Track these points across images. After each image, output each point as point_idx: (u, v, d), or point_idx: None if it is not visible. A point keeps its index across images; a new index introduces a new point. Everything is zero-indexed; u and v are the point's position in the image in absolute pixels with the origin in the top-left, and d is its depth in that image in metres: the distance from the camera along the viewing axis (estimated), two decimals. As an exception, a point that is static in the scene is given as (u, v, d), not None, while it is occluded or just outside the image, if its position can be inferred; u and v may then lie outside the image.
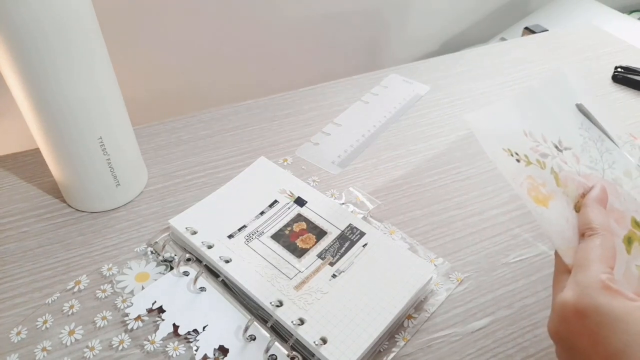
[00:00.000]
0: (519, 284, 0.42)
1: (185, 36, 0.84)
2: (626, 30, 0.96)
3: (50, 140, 0.43)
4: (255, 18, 0.88)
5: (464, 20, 1.13)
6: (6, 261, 0.43)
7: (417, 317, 0.39)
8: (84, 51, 0.39)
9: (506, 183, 0.51)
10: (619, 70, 0.66)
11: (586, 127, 0.39)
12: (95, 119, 0.43)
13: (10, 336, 0.38)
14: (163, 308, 0.39)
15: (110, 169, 0.46)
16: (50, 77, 0.39)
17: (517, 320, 0.39)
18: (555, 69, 0.38)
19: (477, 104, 0.62)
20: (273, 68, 0.97)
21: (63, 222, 0.47)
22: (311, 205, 0.46)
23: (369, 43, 1.05)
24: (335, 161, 0.54)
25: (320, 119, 0.60)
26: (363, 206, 0.48)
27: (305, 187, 0.48)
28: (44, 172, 0.51)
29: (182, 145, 0.56)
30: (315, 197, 0.47)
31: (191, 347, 0.37)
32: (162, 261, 0.43)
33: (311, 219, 0.45)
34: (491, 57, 0.71)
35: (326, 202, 0.47)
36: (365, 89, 0.65)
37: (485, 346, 0.38)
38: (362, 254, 0.42)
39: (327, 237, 0.43)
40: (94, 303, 0.40)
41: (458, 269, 0.43)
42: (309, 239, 0.43)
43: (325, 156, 0.54)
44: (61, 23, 0.37)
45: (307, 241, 0.43)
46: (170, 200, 0.49)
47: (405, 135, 0.57)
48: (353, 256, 0.42)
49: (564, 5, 1.08)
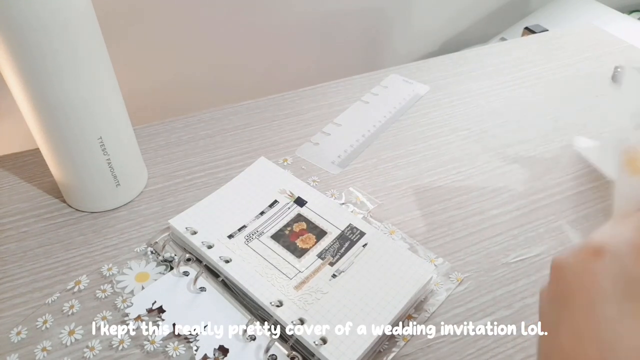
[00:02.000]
0: (519, 284, 0.42)
1: (185, 36, 0.84)
2: (626, 30, 0.96)
3: (50, 141, 0.43)
4: (255, 18, 0.88)
5: (464, 20, 1.13)
6: (6, 261, 0.43)
7: (417, 317, 0.39)
8: (84, 51, 0.39)
9: (508, 183, 0.51)
10: (618, 70, 0.66)
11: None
12: (95, 119, 0.43)
13: (10, 336, 0.38)
14: (163, 308, 0.39)
15: (110, 169, 0.46)
16: (50, 77, 0.39)
17: (517, 320, 0.39)
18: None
19: (477, 104, 0.62)
20: (273, 68, 0.97)
21: (63, 222, 0.47)
22: (311, 205, 0.46)
23: (369, 43, 1.05)
24: (335, 161, 0.54)
25: (320, 119, 0.60)
26: (363, 206, 0.48)
27: (305, 187, 0.48)
28: (44, 172, 0.51)
29: (182, 145, 0.56)
30: (315, 197, 0.47)
31: (191, 347, 0.37)
32: (162, 261, 0.43)
33: (311, 219, 0.45)
34: (491, 57, 0.71)
35: (326, 202, 0.47)
36: (365, 89, 0.65)
37: (485, 346, 0.38)
38: (362, 254, 0.42)
39: (327, 237, 0.43)
40: (94, 303, 0.40)
41: (458, 269, 0.43)
42: (309, 239, 0.43)
43: (325, 156, 0.54)
44: (61, 23, 0.37)
45: (307, 241, 0.43)
46: (170, 200, 0.49)
47: (405, 135, 0.57)
48: (353, 256, 0.42)
49: (564, 5, 1.08)
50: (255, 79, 0.96)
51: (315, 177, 0.52)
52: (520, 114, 0.60)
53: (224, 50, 0.89)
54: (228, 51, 0.89)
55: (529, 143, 0.56)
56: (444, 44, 1.14)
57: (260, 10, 0.87)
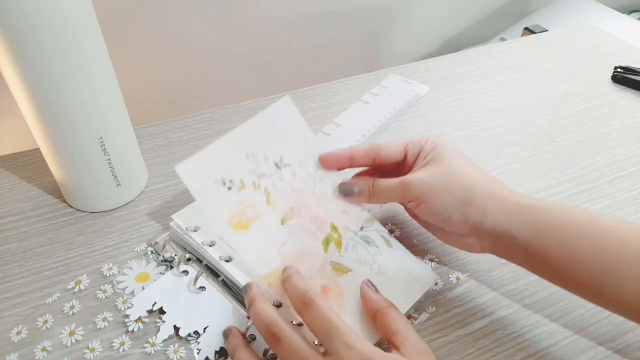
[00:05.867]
0: (519, 284, 0.42)
1: (185, 36, 0.84)
2: (626, 30, 0.96)
3: (50, 141, 0.43)
4: (255, 18, 0.88)
5: (464, 20, 1.13)
6: (6, 261, 0.43)
7: (417, 317, 0.39)
8: (84, 51, 0.39)
9: (507, 183, 0.51)
10: (618, 71, 0.66)
11: (309, 143, 0.42)
12: (95, 119, 0.43)
13: (10, 336, 0.38)
14: (163, 309, 0.39)
15: (110, 169, 0.46)
16: (50, 77, 0.39)
17: (516, 320, 0.39)
18: (282, 100, 0.43)
19: (477, 104, 0.62)
20: (273, 68, 0.97)
21: (63, 222, 0.47)
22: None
23: (369, 43, 1.05)
24: (335, 161, 0.54)
25: (320, 119, 0.60)
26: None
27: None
28: (44, 172, 0.51)
29: (183, 145, 0.56)
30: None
31: (192, 349, 0.37)
32: (162, 261, 0.43)
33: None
34: (491, 57, 0.71)
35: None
36: (365, 89, 0.65)
37: (485, 346, 0.38)
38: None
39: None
40: (94, 303, 0.40)
41: (458, 269, 0.43)
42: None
43: (326, 156, 0.54)
44: (62, 23, 0.37)
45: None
46: (171, 200, 0.49)
47: (405, 135, 0.57)
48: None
49: (564, 5, 1.08)
50: (255, 79, 0.96)
51: (316, 177, 0.52)
52: (520, 114, 0.60)
53: (224, 50, 0.89)
54: (228, 51, 0.89)
55: (528, 143, 0.56)
56: (444, 44, 1.14)
57: (260, 10, 0.87)
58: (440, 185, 0.37)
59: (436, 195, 0.37)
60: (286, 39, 0.94)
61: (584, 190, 0.50)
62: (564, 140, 0.57)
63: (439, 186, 0.37)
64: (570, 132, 0.58)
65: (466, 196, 0.36)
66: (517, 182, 0.51)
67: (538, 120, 0.60)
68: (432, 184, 0.38)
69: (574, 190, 0.50)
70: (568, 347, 0.38)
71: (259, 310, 0.34)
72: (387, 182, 0.40)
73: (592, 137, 0.57)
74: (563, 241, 0.34)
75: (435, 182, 0.37)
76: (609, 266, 0.32)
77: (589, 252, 0.33)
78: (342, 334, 0.31)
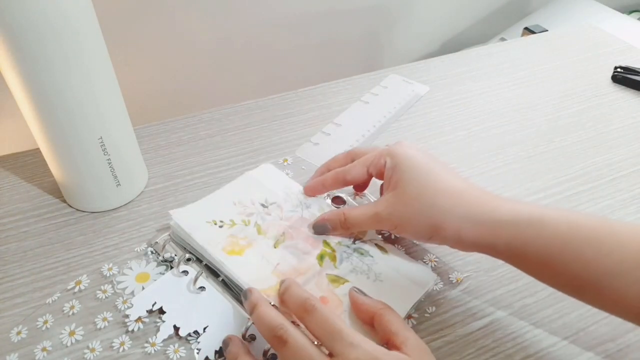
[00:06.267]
0: (519, 284, 0.42)
1: (185, 36, 0.84)
2: (626, 30, 0.96)
3: (50, 141, 0.43)
4: (255, 18, 0.88)
5: (464, 20, 1.14)
6: (7, 261, 0.43)
7: (417, 317, 0.39)
8: (84, 51, 0.39)
9: (507, 183, 0.51)
10: (618, 71, 0.66)
11: (289, 186, 0.47)
12: (95, 119, 0.43)
13: (10, 336, 0.38)
14: (163, 309, 0.39)
15: (110, 169, 0.46)
16: (50, 77, 0.39)
17: (516, 320, 0.39)
18: (263, 165, 0.51)
19: (477, 104, 0.62)
20: (273, 68, 0.97)
21: (63, 222, 0.47)
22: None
23: (369, 43, 1.05)
24: (335, 161, 0.54)
25: (320, 119, 0.60)
26: (363, 206, 0.48)
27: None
28: (44, 172, 0.51)
29: (183, 145, 0.56)
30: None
31: (192, 349, 0.37)
32: (162, 261, 0.43)
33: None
34: (491, 57, 0.71)
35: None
36: (365, 89, 0.65)
37: (484, 346, 0.38)
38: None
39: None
40: (94, 303, 0.40)
41: (458, 269, 0.43)
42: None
43: (325, 156, 0.54)
44: (62, 23, 0.37)
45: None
46: (171, 200, 0.49)
47: (405, 135, 0.57)
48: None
49: (564, 5, 1.08)
50: (255, 79, 0.96)
51: (315, 177, 0.52)
52: (520, 114, 0.61)
53: (224, 50, 0.89)
54: (228, 51, 0.90)
55: (528, 143, 0.56)
56: (444, 44, 1.15)
57: (260, 10, 0.87)
58: (410, 215, 0.38)
59: (409, 224, 0.38)
60: (286, 39, 0.94)
61: (584, 190, 0.50)
62: (564, 140, 0.57)
63: (408, 215, 0.38)
64: (570, 132, 0.58)
65: (437, 222, 0.37)
66: (517, 182, 0.51)
67: (538, 120, 0.60)
68: (402, 215, 0.38)
69: (574, 190, 0.50)
70: (568, 347, 0.38)
71: (262, 314, 0.34)
72: (360, 214, 0.41)
73: (592, 137, 0.57)
74: (543, 254, 0.33)
75: (405, 212, 0.38)
76: (596, 277, 0.32)
77: (568, 264, 0.33)
78: (346, 334, 0.31)
